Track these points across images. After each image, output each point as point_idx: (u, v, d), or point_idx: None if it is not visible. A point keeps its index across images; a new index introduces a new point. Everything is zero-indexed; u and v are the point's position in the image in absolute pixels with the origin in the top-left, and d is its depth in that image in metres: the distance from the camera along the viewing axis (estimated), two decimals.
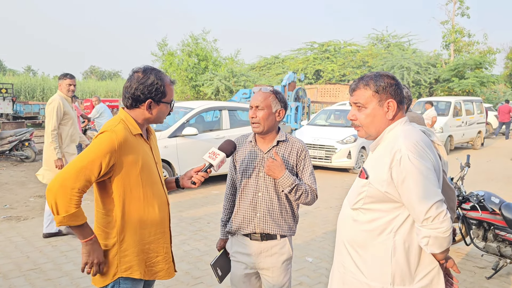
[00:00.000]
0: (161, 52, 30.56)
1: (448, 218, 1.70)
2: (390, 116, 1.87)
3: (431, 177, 1.74)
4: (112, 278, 2.01)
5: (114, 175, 1.96)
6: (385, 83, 1.86)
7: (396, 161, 1.75)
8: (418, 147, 1.76)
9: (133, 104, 2.05)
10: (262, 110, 2.40)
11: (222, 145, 2.30)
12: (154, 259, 2.11)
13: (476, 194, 4.34)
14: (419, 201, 1.71)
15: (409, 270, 1.82)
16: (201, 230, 5.61)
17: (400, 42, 31.90)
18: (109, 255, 2.02)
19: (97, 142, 1.93)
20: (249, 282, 2.51)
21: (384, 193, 1.80)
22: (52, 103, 5.07)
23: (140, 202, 2.03)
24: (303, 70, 30.06)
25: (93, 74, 71.62)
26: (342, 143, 10.06)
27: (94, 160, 1.88)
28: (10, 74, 43.80)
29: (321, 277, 4.19)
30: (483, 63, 24.41)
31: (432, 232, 1.70)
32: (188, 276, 4.14)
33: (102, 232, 2.04)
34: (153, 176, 2.11)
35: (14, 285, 3.88)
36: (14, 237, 5.14)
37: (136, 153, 2.01)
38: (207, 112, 8.97)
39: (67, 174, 1.85)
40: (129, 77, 2.08)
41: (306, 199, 2.40)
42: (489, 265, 4.54)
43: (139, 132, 2.07)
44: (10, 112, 20.23)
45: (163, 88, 2.05)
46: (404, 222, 1.81)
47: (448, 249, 1.79)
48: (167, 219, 2.20)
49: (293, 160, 2.46)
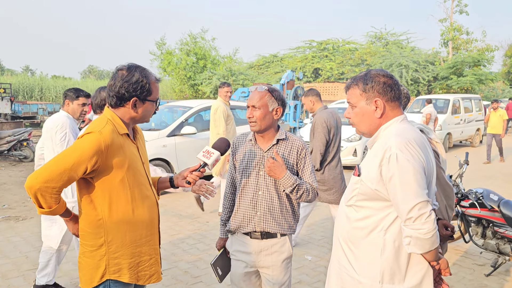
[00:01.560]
0: (160, 51, 30.49)
1: (431, 220, 1.68)
2: (378, 115, 1.89)
3: (418, 178, 1.72)
4: (100, 279, 1.96)
5: (97, 175, 1.93)
6: (373, 82, 1.88)
7: (385, 159, 1.76)
8: (409, 146, 1.75)
9: (118, 103, 2.00)
10: (259, 110, 2.40)
11: (216, 144, 2.29)
12: (148, 262, 2.08)
13: (475, 192, 4.34)
14: (403, 200, 1.71)
15: (399, 268, 1.83)
16: (200, 229, 5.61)
17: (399, 40, 31.89)
18: (96, 255, 1.97)
19: (84, 143, 1.88)
20: (249, 281, 2.51)
21: (374, 190, 1.81)
22: (218, 108, 6.00)
23: (128, 204, 1.99)
24: (302, 69, 30.03)
25: (91, 74, 71.48)
26: (347, 141, 10.10)
27: (79, 163, 1.84)
28: (8, 74, 43.78)
29: (320, 275, 4.19)
30: (482, 60, 24.40)
31: (413, 233, 1.70)
32: (187, 275, 4.13)
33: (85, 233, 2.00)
34: (140, 177, 2.06)
35: (13, 285, 3.87)
36: (13, 237, 5.14)
37: (123, 155, 1.97)
38: (206, 111, 8.95)
39: (51, 174, 1.81)
40: (113, 75, 2.03)
41: (307, 197, 2.42)
42: (488, 262, 4.55)
43: (126, 132, 2.03)
44: (8, 112, 20.21)
45: (148, 86, 2.00)
46: (394, 221, 1.81)
47: (436, 251, 1.77)
48: (156, 220, 2.16)
49: (293, 158, 2.45)
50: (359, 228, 1.89)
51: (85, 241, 2.00)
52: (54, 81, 34.54)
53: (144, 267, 2.06)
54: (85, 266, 2.00)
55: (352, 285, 1.92)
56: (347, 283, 1.94)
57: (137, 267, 2.03)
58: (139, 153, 2.13)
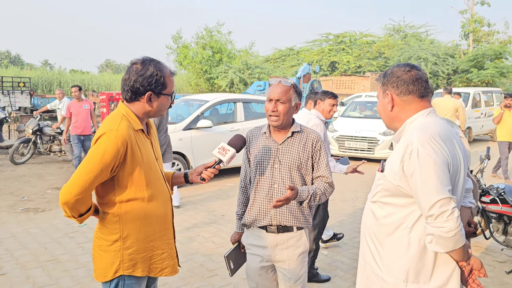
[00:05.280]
0: (176, 45, 30.60)
1: (454, 218, 1.61)
2: (389, 108, 1.88)
3: (440, 174, 1.66)
4: (114, 274, 1.97)
5: (116, 173, 1.94)
6: (388, 74, 1.89)
7: (407, 154, 1.71)
8: (432, 141, 1.69)
9: (133, 97, 1.99)
10: (283, 104, 2.36)
11: (231, 140, 2.25)
12: (160, 256, 2.08)
13: (496, 187, 4.24)
14: (423, 197, 1.65)
15: (425, 268, 1.77)
16: (216, 222, 5.61)
17: (418, 32, 31.37)
18: (111, 250, 1.98)
19: (102, 148, 1.86)
20: (265, 275, 2.48)
21: (397, 186, 1.76)
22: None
23: (144, 199, 1.99)
24: (318, 62, 29.81)
25: (108, 68, 72.28)
26: (384, 135, 10.26)
27: (106, 165, 1.85)
28: (27, 68, 44.52)
29: (336, 270, 4.15)
30: (504, 53, 23.85)
31: (435, 231, 1.63)
32: (202, 268, 4.14)
33: (102, 227, 2.01)
34: (154, 172, 2.05)
35: (31, 275, 3.93)
36: (32, 229, 5.22)
37: (138, 151, 1.96)
38: (221, 104, 8.95)
39: (84, 185, 1.84)
40: (128, 69, 2.01)
41: (325, 198, 2.42)
42: (509, 259, 4.44)
43: (141, 127, 2.02)
44: (28, 106, 20.55)
45: (163, 79, 1.98)
46: (419, 219, 1.76)
47: (463, 250, 1.70)
48: (170, 215, 2.16)
49: (309, 151, 2.41)
50: (384, 225, 1.84)
51: (101, 235, 2.01)
52: (72, 75, 34.99)
53: (156, 261, 2.07)
54: (100, 260, 2.00)
55: (376, 283, 1.88)
56: (371, 281, 1.91)
57: (149, 261, 2.04)
58: (153, 148, 2.12)
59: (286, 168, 2.38)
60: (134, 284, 2.02)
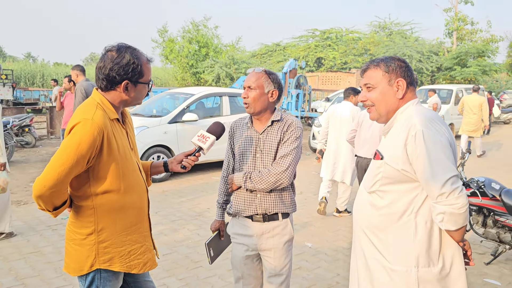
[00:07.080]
0: (162, 38, 30.32)
1: (464, 194, 1.68)
2: (400, 95, 1.88)
3: (447, 152, 1.72)
4: (90, 268, 1.90)
5: (92, 165, 1.85)
6: (395, 64, 1.90)
7: (411, 137, 1.75)
8: (433, 123, 1.76)
9: (108, 86, 1.89)
10: (254, 90, 2.37)
11: (211, 128, 2.24)
12: (139, 250, 2.00)
13: (476, 180, 4.32)
14: (433, 176, 1.69)
15: (432, 250, 1.80)
16: (201, 215, 5.62)
17: (403, 30, 31.60)
18: (85, 244, 1.90)
19: (77, 138, 1.76)
20: (251, 264, 2.50)
21: (400, 171, 1.78)
22: None
23: (119, 191, 1.91)
24: (305, 58, 29.82)
25: (93, 61, 71.23)
26: None
27: (78, 161, 1.76)
28: (10, 60, 43.59)
29: (320, 262, 4.20)
30: (486, 51, 24.23)
31: (447, 209, 1.68)
32: (187, 260, 4.15)
33: (75, 220, 1.93)
34: (130, 163, 1.97)
35: (14, 267, 3.89)
36: (14, 221, 5.15)
37: (114, 141, 1.87)
38: (207, 98, 8.92)
39: (58, 177, 1.74)
40: (102, 56, 1.91)
41: (263, 185, 2.32)
42: (488, 251, 4.55)
43: (116, 117, 1.93)
44: (10, 98, 20.19)
45: (140, 67, 1.89)
46: (424, 202, 1.79)
47: (465, 228, 1.76)
48: (146, 207, 2.08)
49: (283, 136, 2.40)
50: (387, 214, 1.84)
51: (75, 228, 1.93)
52: (55, 68, 34.45)
53: (136, 255, 2.00)
54: (74, 254, 1.93)
55: (383, 275, 1.86)
56: (377, 274, 1.88)
57: (128, 256, 1.97)
58: (128, 138, 2.04)
59: (267, 157, 2.39)
60: (111, 277, 1.95)
